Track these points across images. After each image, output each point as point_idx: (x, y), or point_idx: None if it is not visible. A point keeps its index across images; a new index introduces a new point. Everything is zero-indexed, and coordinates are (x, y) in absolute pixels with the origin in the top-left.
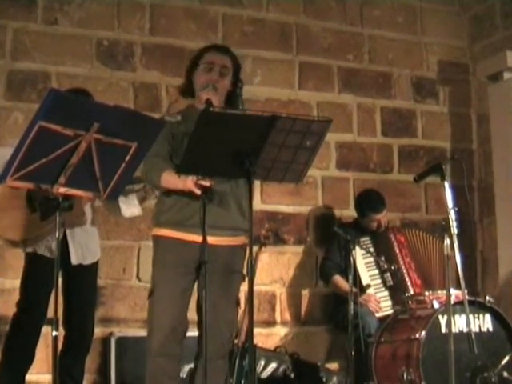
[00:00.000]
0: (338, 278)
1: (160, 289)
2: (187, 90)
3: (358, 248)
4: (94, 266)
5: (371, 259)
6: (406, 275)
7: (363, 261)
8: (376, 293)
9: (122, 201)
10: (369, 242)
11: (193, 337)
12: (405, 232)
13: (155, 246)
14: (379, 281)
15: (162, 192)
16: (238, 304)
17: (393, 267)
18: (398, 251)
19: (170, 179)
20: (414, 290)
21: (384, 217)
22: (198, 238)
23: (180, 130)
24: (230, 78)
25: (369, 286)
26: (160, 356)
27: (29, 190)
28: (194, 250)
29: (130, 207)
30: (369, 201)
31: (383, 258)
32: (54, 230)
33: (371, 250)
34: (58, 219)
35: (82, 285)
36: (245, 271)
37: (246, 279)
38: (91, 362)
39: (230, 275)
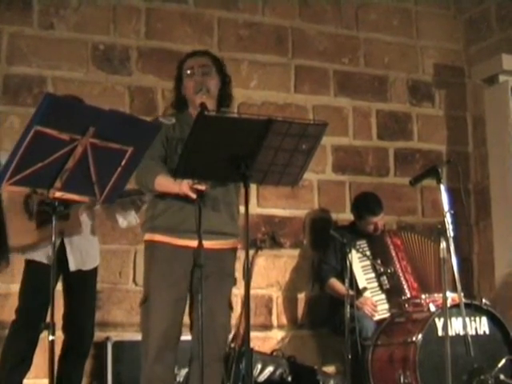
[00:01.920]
0: (334, 281)
1: (154, 297)
2: (180, 104)
3: (354, 251)
4: (94, 272)
5: (367, 262)
6: (402, 278)
7: (359, 264)
8: (372, 296)
9: (118, 213)
10: (365, 245)
11: (189, 341)
12: (401, 235)
13: (148, 252)
14: (376, 284)
15: (154, 196)
16: (230, 307)
17: (389, 270)
18: (394, 254)
19: (165, 183)
20: (411, 293)
21: (381, 220)
22: (191, 243)
23: (175, 136)
24: (215, 76)
25: (365, 289)
26: (156, 364)
27: (26, 197)
28: (187, 255)
29: (126, 218)
30: (366, 203)
31: (379, 261)
32: (50, 237)
33: (367, 253)
34: (53, 223)
35: (82, 290)
36: (241, 275)
37: (241, 282)
38: (88, 366)
39: (222, 278)
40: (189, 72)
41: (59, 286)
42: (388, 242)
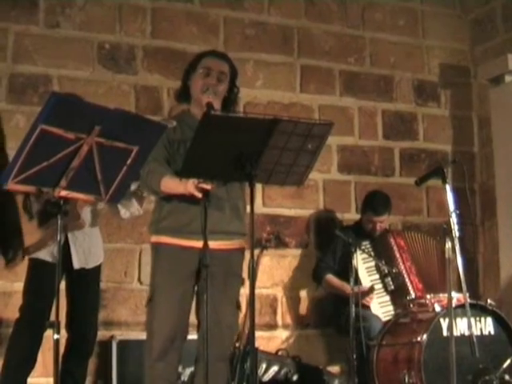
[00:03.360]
0: (331, 277)
1: (160, 296)
2: (183, 95)
3: (358, 253)
4: (97, 270)
5: (371, 264)
6: (407, 279)
7: (364, 265)
8: (378, 298)
9: (120, 203)
10: (369, 246)
11: (195, 340)
12: (404, 235)
13: (154, 254)
14: (380, 286)
15: (160, 198)
16: (238, 307)
17: (394, 270)
18: (398, 255)
19: (171, 183)
20: (416, 295)
21: (383, 222)
22: (197, 243)
23: (176, 137)
24: (226, 85)
25: (373, 288)
26: (159, 361)
27: (25, 199)
28: (193, 255)
29: (128, 209)
30: (372, 200)
31: (383, 262)
32: (54, 234)
33: (372, 253)
34: (59, 222)
35: (85, 288)
36: (246, 274)
37: (246, 282)
38: (92, 365)
39: (229, 279)
40: (202, 71)
41: (62, 285)
42: (392, 242)
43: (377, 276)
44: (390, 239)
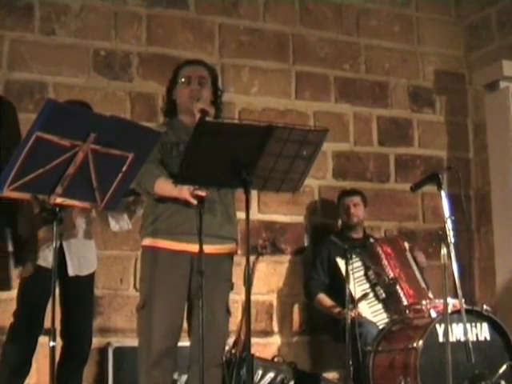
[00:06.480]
0: (322, 297)
1: (154, 302)
2: (170, 110)
3: (342, 262)
4: (91, 277)
5: (361, 273)
6: (397, 287)
7: (353, 276)
8: (370, 307)
9: (111, 215)
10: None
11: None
12: (389, 242)
13: (145, 258)
14: (371, 295)
15: (153, 200)
16: (228, 312)
17: (391, 276)
18: (386, 263)
19: (165, 187)
20: (408, 301)
21: (356, 206)
22: (189, 247)
23: (168, 140)
24: (209, 88)
25: (367, 294)
26: (155, 369)
27: None
28: (185, 260)
29: (119, 222)
30: (344, 190)
31: (371, 272)
32: (49, 240)
33: (365, 261)
34: (54, 229)
35: (80, 295)
36: (242, 281)
37: (242, 288)
38: (89, 372)
39: (220, 283)
40: (184, 80)
41: (56, 291)
42: (379, 251)
43: (367, 285)
44: (377, 248)
